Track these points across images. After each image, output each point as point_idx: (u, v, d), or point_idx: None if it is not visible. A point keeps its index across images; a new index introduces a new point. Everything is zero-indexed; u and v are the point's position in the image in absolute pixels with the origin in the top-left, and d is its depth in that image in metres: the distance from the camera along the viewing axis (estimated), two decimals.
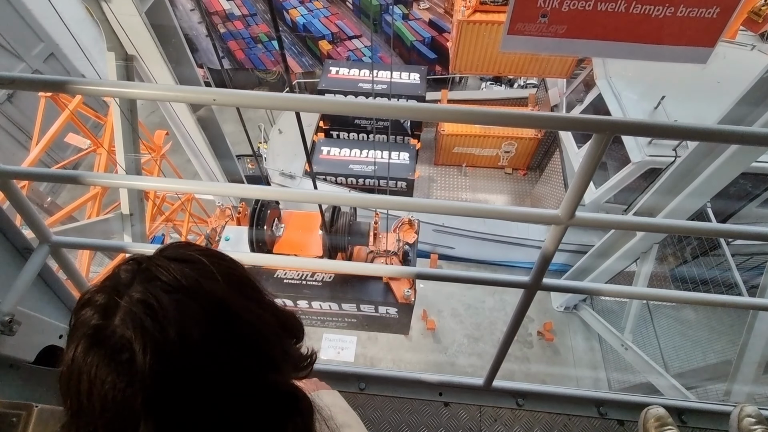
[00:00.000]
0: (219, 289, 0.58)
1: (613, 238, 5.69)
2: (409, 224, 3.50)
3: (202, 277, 0.58)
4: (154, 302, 0.53)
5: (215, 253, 0.66)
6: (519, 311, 1.44)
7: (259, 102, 1.01)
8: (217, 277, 0.59)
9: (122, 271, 0.58)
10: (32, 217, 1.29)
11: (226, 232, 3.12)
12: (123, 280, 0.56)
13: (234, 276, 0.64)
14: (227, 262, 0.66)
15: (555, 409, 1.92)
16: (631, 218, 1.17)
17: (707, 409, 1.88)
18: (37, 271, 1.34)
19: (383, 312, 3.30)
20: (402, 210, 3.20)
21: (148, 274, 0.56)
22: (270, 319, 0.64)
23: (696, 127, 0.91)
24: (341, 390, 1.97)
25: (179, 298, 0.55)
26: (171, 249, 0.63)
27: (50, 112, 5.20)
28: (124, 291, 0.55)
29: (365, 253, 3.20)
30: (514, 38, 0.97)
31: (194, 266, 0.59)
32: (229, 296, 0.59)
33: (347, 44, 13.11)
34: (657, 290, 1.41)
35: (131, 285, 0.55)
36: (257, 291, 0.67)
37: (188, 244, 0.67)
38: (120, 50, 3.24)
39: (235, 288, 0.61)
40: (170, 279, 0.56)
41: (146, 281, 0.55)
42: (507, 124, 0.93)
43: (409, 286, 3.19)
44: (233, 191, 1.53)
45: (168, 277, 0.56)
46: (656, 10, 0.88)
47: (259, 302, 0.65)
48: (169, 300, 0.54)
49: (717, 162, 3.93)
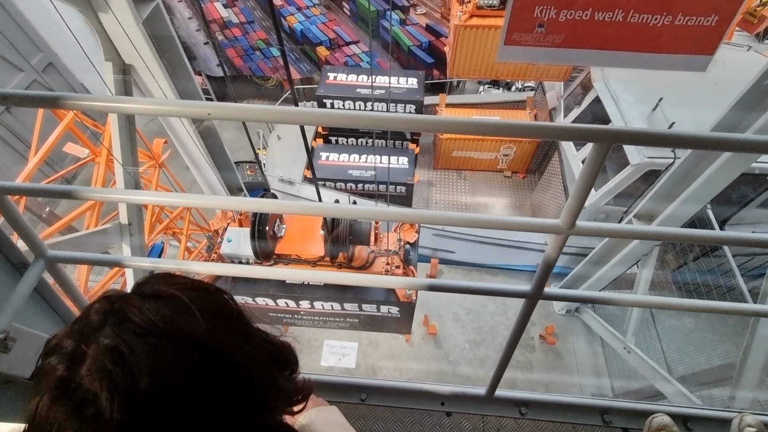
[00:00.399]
0: (199, 327, 0.54)
1: (613, 241, 5.67)
2: (409, 224, 3.50)
3: (180, 316, 0.54)
4: (125, 348, 0.49)
5: (198, 286, 0.62)
6: (521, 321, 1.42)
7: (254, 115, 1.00)
8: (196, 314, 0.55)
9: (93, 312, 0.54)
10: (27, 231, 1.27)
11: (228, 234, 3.14)
12: (93, 323, 0.53)
13: (218, 310, 0.60)
14: (211, 294, 0.62)
15: (559, 417, 1.90)
16: (633, 227, 1.15)
17: (712, 416, 1.86)
18: (32, 286, 1.32)
19: (385, 311, 3.30)
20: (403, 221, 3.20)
21: (119, 315, 0.53)
22: (259, 353, 0.61)
23: (696, 136, 0.90)
24: (342, 401, 1.96)
25: (153, 342, 0.51)
26: (150, 283, 0.59)
27: (48, 121, 5.20)
28: (93, 337, 0.51)
29: (366, 253, 3.20)
30: (511, 48, 0.96)
31: (172, 303, 0.55)
32: (211, 334, 0.55)
33: (345, 50, 13.16)
34: (660, 298, 1.40)
35: (101, 329, 0.51)
36: (245, 324, 0.63)
37: (169, 276, 0.62)
38: (118, 60, 3.24)
39: (218, 324, 0.57)
40: (144, 320, 0.52)
41: (117, 324, 0.52)
42: (506, 134, 0.92)
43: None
44: (230, 204, 1.52)
45: (141, 319, 0.52)
46: (654, 19, 0.87)
47: (247, 336, 0.62)
48: (142, 345, 0.50)
49: (716, 163, 3.92)
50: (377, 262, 3.21)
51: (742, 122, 3.60)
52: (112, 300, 0.55)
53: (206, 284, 0.64)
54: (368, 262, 3.18)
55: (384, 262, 3.17)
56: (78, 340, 0.52)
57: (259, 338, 0.64)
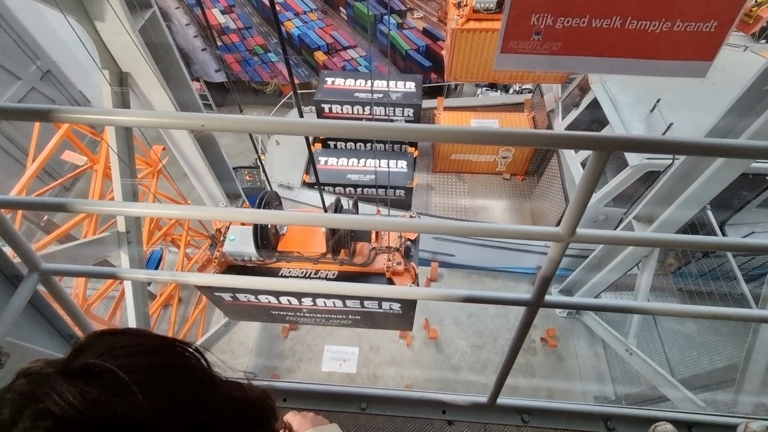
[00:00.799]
0: (138, 410, 0.45)
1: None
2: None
3: (115, 397, 0.44)
4: None
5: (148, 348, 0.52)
6: (522, 328, 1.40)
7: (247, 126, 0.99)
8: (136, 392, 0.45)
9: (6, 402, 0.45)
10: (20, 244, 1.26)
11: (231, 233, 3.14)
12: (4, 418, 0.44)
13: (170, 379, 0.50)
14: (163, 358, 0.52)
15: (561, 425, 1.87)
16: (632, 234, 1.14)
17: (717, 421, 1.84)
18: (26, 300, 1.30)
19: (387, 308, 3.28)
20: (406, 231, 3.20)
21: (37, 407, 0.43)
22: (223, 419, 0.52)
23: (695, 142, 0.89)
24: (342, 411, 1.94)
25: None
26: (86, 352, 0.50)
27: (46, 129, 5.19)
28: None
29: (368, 250, 3.20)
30: (508, 56, 0.95)
31: (106, 381, 0.45)
32: (156, 416, 0.46)
33: (342, 54, 13.20)
34: (662, 305, 1.39)
35: (13, 427, 0.43)
36: (208, 385, 0.54)
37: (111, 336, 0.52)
38: (114, 68, 3.23)
39: (168, 399, 0.48)
40: (66, 411, 0.42)
41: (33, 419, 0.42)
42: (506, 143, 0.91)
43: (412, 281, 3.16)
44: (227, 215, 1.50)
45: (63, 410, 0.42)
46: (652, 26, 0.87)
47: (209, 402, 0.52)
48: None
49: (715, 165, 3.91)
50: (378, 258, 3.21)
51: (738, 125, 3.60)
52: (30, 382, 0.46)
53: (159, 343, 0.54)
54: (369, 258, 3.18)
55: (385, 259, 3.17)
56: None
57: (225, 400, 0.54)
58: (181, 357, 0.54)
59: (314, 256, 3.08)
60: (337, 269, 3.13)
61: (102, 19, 2.95)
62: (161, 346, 0.54)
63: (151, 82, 3.30)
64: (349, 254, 3.09)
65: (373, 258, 3.17)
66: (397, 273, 3.14)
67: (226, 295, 3.16)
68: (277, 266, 3.12)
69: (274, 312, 3.35)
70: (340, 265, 3.12)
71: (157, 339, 0.55)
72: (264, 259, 3.03)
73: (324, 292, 2.11)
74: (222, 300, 3.23)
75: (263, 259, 3.04)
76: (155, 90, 3.33)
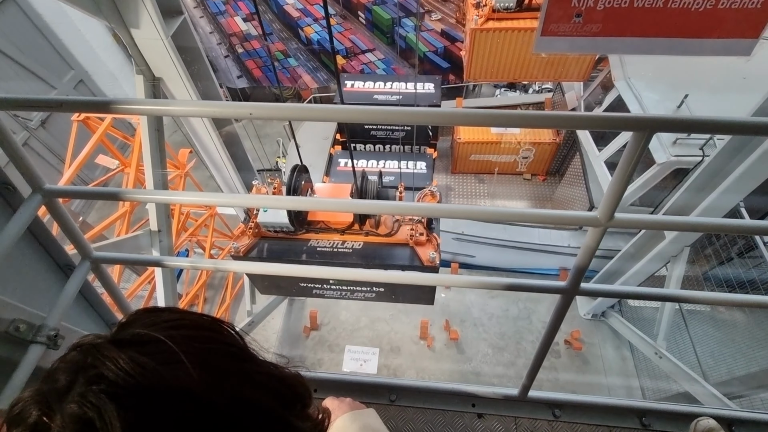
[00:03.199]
0: (188, 377, 0.46)
1: (641, 241, 5.51)
2: (431, 195, 3.63)
3: (164, 365, 0.46)
4: (95, 417, 0.41)
5: (188, 323, 0.53)
6: (556, 317, 1.40)
7: (289, 114, 1.03)
8: (185, 360, 0.46)
9: (60, 370, 0.46)
10: (75, 234, 1.34)
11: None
12: (60, 384, 0.45)
13: (213, 351, 0.52)
14: (204, 332, 0.54)
15: (594, 420, 1.84)
16: (673, 218, 1.13)
17: (758, 419, 1.77)
18: (79, 285, 1.38)
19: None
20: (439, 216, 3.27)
21: (90, 372, 0.44)
22: (265, 396, 0.53)
23: (744, 121, 0.88)
24: (371, 402, 1.96)
25: (130, 404, 0.43)
26: (130, 325, 0.51)
27: (80, 134, 5.44)
28: (58, 404, 0.43)
29: (392, 221, 3.35)
30: (549, 39, 0.96)
31: (154, 350, 0.47)
32: (203, 384, 0.46)
33: (361, 58, 13.33)
34: (698, 293, 1.35)
35: (68, 393, 0.44)
36: (248, 362, 0.56)
37: (154, 312, 0.54)
38: (148, 73, 3.37)
39: (213, 369, 0.49)
40: (118, 376, 0.43)
41: (88, 384, 0.43)
42: (545, 125, 0.92)
43: (434, 249, 3.27)
44: (262, 202, 1.55)
45: (116, 374, 0.43)
46: (696, 4, 0.86)
47: (250, 377, 0.53)
48: (116, 410, 0.41)
49: (751, 158, 3.78)
50: (402, 229, 3.38)
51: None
52: (83, 351, 0.47)
53: (199, 319, 0.56)
54: (393, 229, 3.34)
55: (409, 230, 3.32)
56: (41, 408, 0.44)
57: (265, 376, 0.56)
58: (221, 333, 0.56)
59: (341, 227, 3.22)
60: (362, 240, 3.28)
61: (137, 26, 3.08)
62: (203, 322, 0.55)
63: (182, 86, 3.42)
64: (374, 225, 3.24)
65: (397, 229, 3.33)
66: (419, 243, 3.28)
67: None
68: (306, 237, 3.30)
69: (303, 284, 3.52)
70: (366, 236, 3.28)
71: (198, 315, 0.56)
72: (296, 228, 3.21)
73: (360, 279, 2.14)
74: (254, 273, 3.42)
75: (295, 229, 3.20)
76: (185, 93, 3.46)
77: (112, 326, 0.52)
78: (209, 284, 8.01)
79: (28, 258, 1.44)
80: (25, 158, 1.11)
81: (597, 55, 7.62)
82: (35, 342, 1.27)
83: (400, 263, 3.26)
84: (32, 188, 1.17)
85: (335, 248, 3.25)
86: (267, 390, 0.54)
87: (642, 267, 5.44)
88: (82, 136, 5.50)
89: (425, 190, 3.56)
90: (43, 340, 1.28)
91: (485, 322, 7.18)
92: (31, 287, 1.44)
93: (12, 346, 1.26)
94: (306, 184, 3.31)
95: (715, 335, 5.69)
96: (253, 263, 1.37)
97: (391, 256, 3.27)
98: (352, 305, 7.43)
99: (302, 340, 7.14)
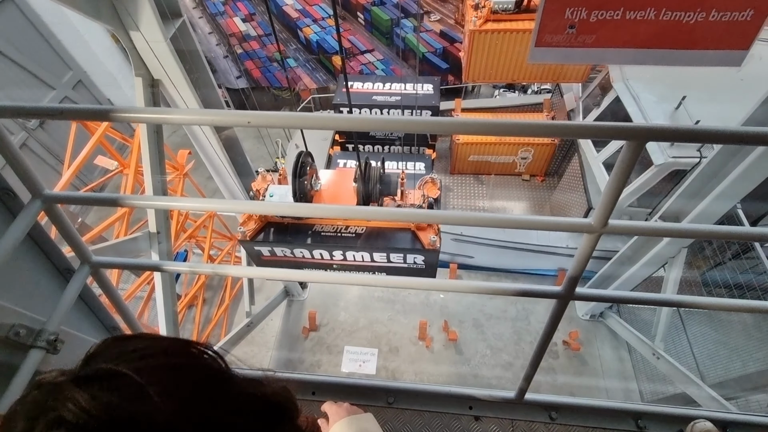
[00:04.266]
0: (152, 409, 0.44)
1: (638, 243, 5.53)
2: (432, 182, 3.68)
3: (127, 400, 0.44)
4: None
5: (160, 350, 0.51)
6: (552, 321, 1.41)
7: (287, 122, 1.04)
8: (151, 394, 0.45)
9: (19, 414, 0.44)
10: (75, 238, 1.35)
11: (270, 191, 3.51)
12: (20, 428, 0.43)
13: (184, 379, 0.50)
14: (175, 358, 0.51)
15: (590, 422, 1.86)
16: (667, 225, 1.14)
17: (753, 421, 1.79)
18: (79, 290, 1.39)
19: (411, 261, 3.46)
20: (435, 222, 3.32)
21: (50, 416, 0.42)
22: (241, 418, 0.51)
23: (734, 131, 0.89)
24: (369, 405, 1.97)
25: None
26: (98, 358, 0.49)
27: (79, 135, 5.44)
28: None
29: (394, 207, 3.46)
30: (543, 50, 0.97)
31: (118, 384, 0.45)
32: (170, 415, 0.45)
33: (360, 58, 13.34)
34: (694, 297, 1.37)
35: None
36: (227, 383, 0.53)
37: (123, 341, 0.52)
38: (147, 76, 3.37)
39: (182, 397, 0.47)
40: (80, 418, 0.41)
41: (47, 429, 0.42)
42: (536, 134, 0.93)
43: (435, 233, 3.33)
44: (261, 208, 1.56)
45: (77, 417, 0.41)
46: (687, 16, 0.87)
47: (225, 400, 0.51)
48: None
49: (747, 161, 3.79)
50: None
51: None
52: (43, 392, 0.45)
53: (171, 345, 0.53)
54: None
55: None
56: None
57: (243, 397, 0.54)
58: (195, 357, 0.54)
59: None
60: (365, 224, 3.35)
61: (136, 29, 3.09)
62: (174, 348, 0.53)
63: (181, 88, 3.43)
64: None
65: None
66: (421, 228, 3.34)
67: (264, 250, 3.44)
68: (311, 222, 3.39)
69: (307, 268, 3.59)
70: (368, 221, 3.32)
71: (170, 341, 0.54)
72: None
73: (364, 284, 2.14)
74: (260, 255, 3.48)
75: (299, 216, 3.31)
76: (185, 95, 3.46)
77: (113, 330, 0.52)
78: (208, 285, 8.01)
79: (28, 263, 1.45)
80: (25, 164, 1.12)
81: None
82: (35, 347, 1.27)
83: (402, 246, 3.36)
84: (32, 194, 1.18)
85: (339, 232, 3.36)
86: (245, 412, 0.52)
87: (639, 270, 5.45)
88: (81, 137, 5.50)
89: (426, 177, 3.63)
90: (43, 344, 1.29)
91: (484, 323, 7.20)
92: (31, 292, 1.45)
93: (12, 350, 1.27)
94: (311, 170, 3.40)
95: (712, 336, 5.71)
96: (253, 268, 1.38)
97: (393, 240, 3.37)
98: (351, 306, 7.44)
99: (301, 341, 7.15)
